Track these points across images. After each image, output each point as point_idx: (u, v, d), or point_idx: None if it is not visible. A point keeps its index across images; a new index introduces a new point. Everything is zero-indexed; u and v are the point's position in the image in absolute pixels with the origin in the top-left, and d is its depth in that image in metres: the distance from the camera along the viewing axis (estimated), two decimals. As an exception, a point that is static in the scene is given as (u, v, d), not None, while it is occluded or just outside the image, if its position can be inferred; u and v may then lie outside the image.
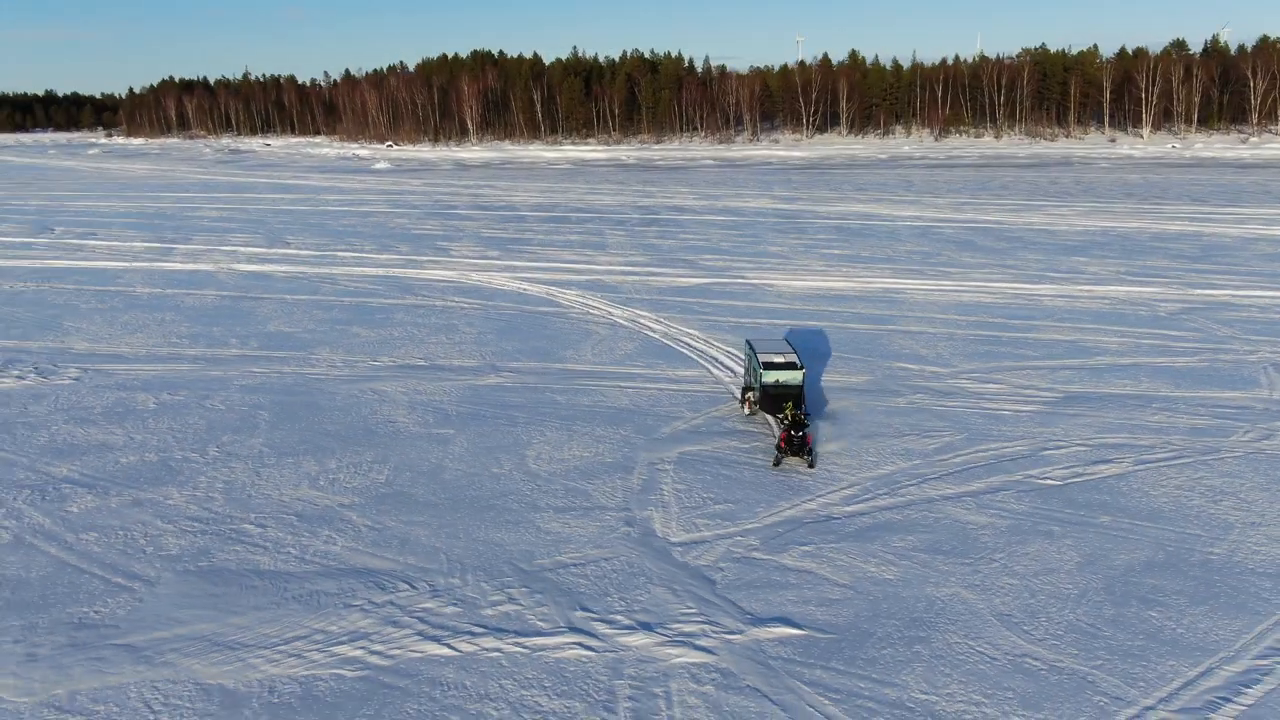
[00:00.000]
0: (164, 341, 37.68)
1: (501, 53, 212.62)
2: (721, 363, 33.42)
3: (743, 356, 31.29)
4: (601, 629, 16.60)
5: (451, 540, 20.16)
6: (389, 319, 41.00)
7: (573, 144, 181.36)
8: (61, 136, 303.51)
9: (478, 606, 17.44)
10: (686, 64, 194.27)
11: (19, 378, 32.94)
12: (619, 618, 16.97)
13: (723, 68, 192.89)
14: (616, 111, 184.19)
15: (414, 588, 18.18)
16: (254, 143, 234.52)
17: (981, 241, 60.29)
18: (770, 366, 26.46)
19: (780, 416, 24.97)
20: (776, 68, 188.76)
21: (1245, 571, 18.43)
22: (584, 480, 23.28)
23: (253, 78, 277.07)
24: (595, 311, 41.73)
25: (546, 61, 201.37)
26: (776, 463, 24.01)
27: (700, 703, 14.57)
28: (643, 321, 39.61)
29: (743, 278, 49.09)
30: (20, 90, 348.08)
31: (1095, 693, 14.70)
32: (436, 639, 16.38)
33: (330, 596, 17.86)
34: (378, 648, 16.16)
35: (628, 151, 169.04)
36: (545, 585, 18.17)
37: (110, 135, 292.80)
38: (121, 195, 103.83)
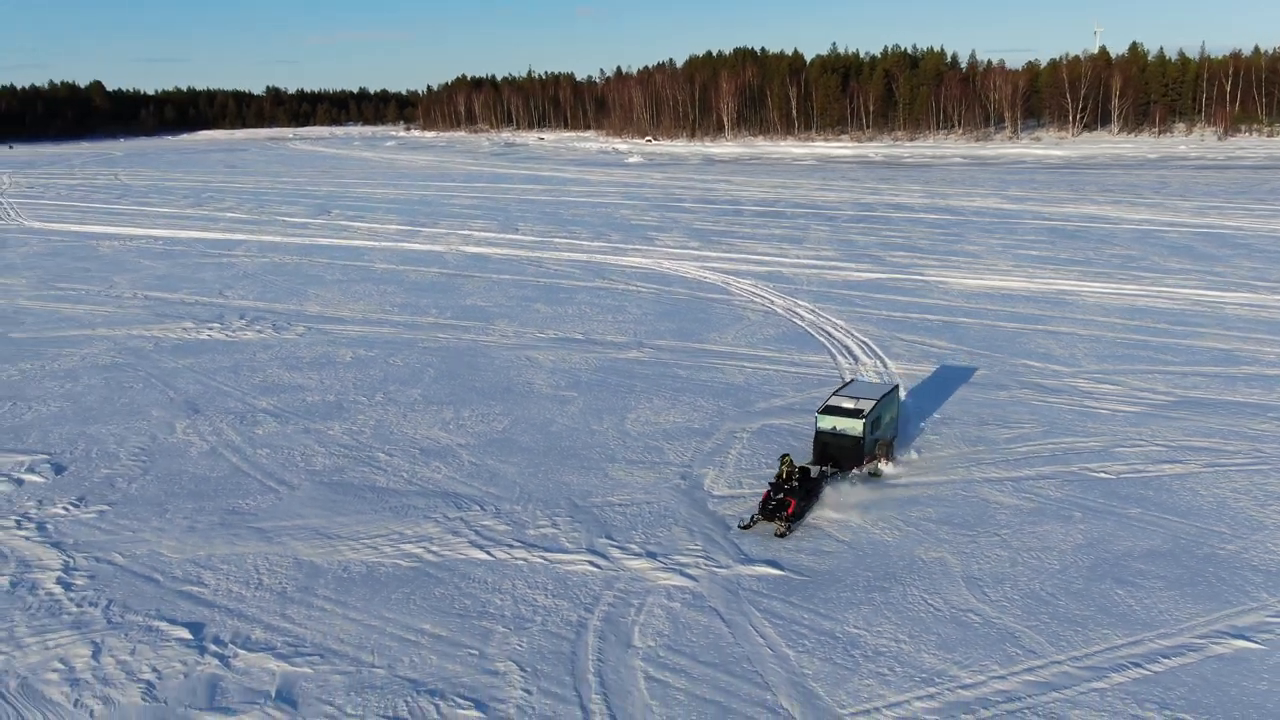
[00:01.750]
0: (378, 309, 43.97)
1: (763, 49, 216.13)
2: (850, 351, 35.25)
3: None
4: (613, 553, 19.73)
5: (530, 478, 23.89)
6: (570, 299, 45.47)
7: (824, 140, 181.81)
8: (368, 130, 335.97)
9: (524, 527, 21.03)
10: (949, 59, 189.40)
11: (258, 331, 39.93)
12: (633, 547, 20.03)
13: (989, 63, 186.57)
14: (871, 108, 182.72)
15: (483, 509, 22.04)
16: (529, 137, 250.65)
17: (1202, 247, 57.30)
18: (831, 411, 23.10)
19: (780, 470, 21.29)
20: (1067, 59, 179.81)
21: (1243, 566, 18.90)
22: (664, 440, 26.35)
23: (535, 75, 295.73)
24: (758, 300, 44.33)
25: (807, 58, 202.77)
26: (745, 525, 20.62)
27: (663, 614, 17.44)
28: (797, 311, 41.82)
29: (920, 275, 49.90)
30: (338, 88, 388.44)
31: (1013, 646, 16.27)
32: (481, 547, 20.13)
33: (416, 510, 22.05)
34: (434, 548, 20.11)
35: (877, 149, 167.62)
36: (586, 517, 21.50)
37: (408, 129, 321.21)
38: (397, 184, 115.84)
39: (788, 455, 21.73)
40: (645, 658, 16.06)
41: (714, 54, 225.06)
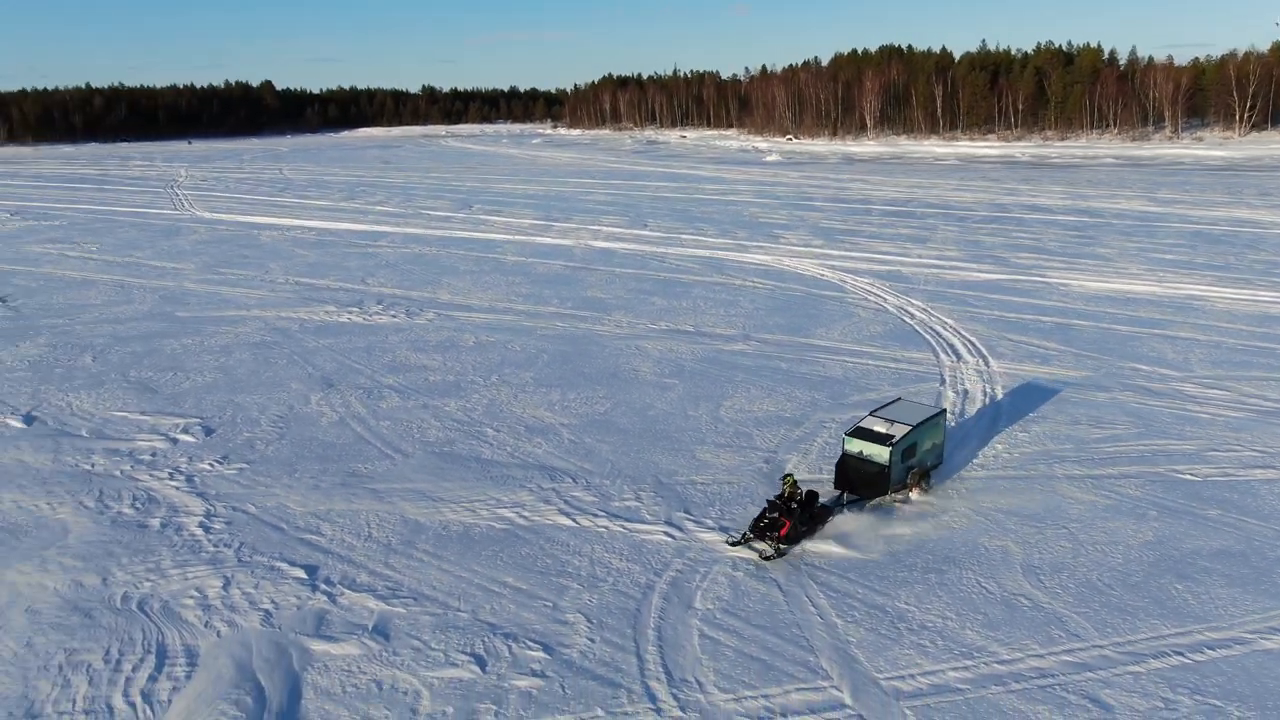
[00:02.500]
0: (504, 298, 46.43)
1: (909, 47, 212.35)
2: (953, 349, 35.55)
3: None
4: (688, 526, 21.13)
5: (622, 456, 25.49)
6: (686, 293, 46.93)
7: (969, 140, 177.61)
8: (516, 128, 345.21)
9: (610, 500, 22.65)
10: (1106, 56, 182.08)
11: (392, 316, 42.87)
12: (708, 521, 21.39)
13: (1150, 60, 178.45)
14: (1020, 107, 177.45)
15: (574, 482, 23.76)
16: (671, 135, 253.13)
17: (1356, 254, 54.48)
18: (860, 434, 22.00)
19: (782, 490, 20.34)
20: (1238, 55, 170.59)
21: (1314, 570, 18.89)
22: (754, 427, 27.55)
23: (680, 74, 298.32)
24: (871, 298, 44.82)
25: (955, 56, 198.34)
26: (734, 542, 19.97)
27: (725, 582, 18.75)
28: (908, 309, 42.18)
29: (1042, 277, 49.29)
30: (490, 87, 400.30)
31: (1058, 629, 16.92)
32: (568, 515, 21.85)
33: (514, 480, 23.95)
34: (526, 514, 21.94)
35: (1024, 148, 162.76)
36: (669, 494, 22.96)
37: (555, 127, 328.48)
38: (538, 180, 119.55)
39: (790, 475, 20.69)
40: (703, 618, 17.41)
41: (859, 52, 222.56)
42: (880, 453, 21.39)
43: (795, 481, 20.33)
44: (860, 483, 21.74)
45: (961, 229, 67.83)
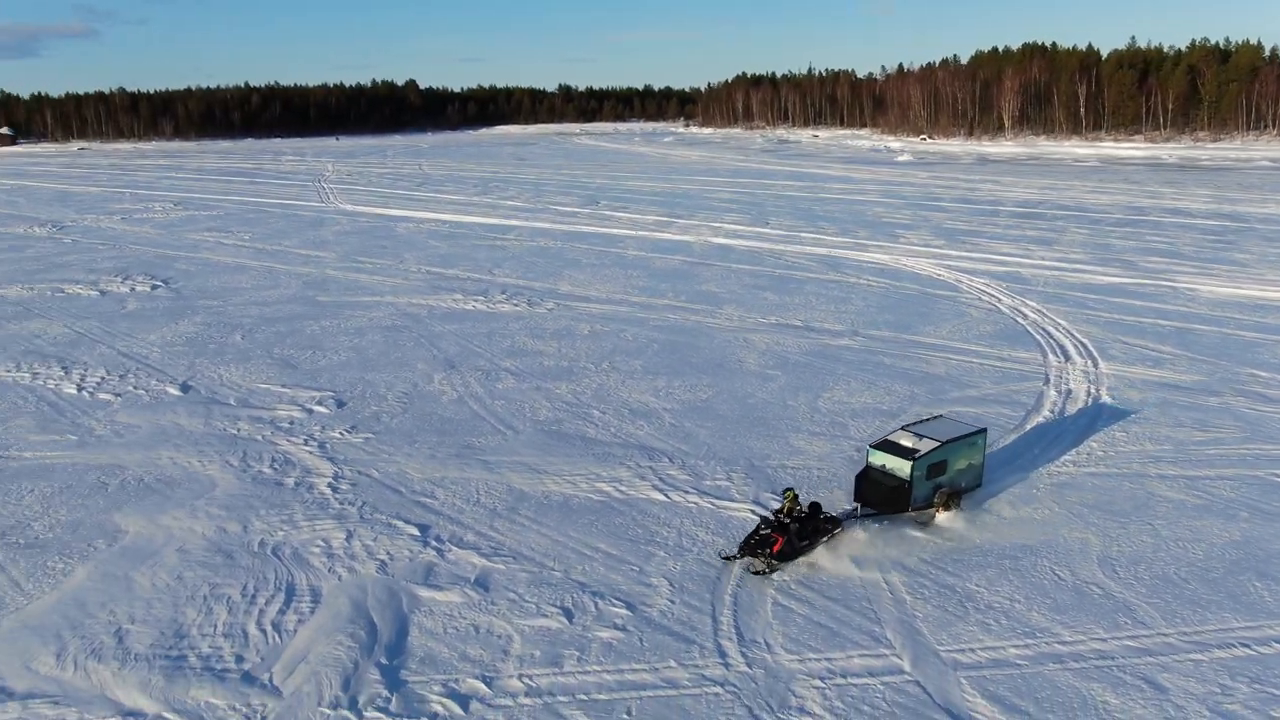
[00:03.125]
0: (621, 290, 48.10)
1: (1054, 44, 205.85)
2: (1063, 350, 35.43)
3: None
4: (774, 505, 22.18)
5: (719, 440, 26.69)
6: (799, 289, 47.69)
7: (1114, 141, 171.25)
8: (648, 126, 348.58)
9: (703, 479, 23.89)
10: (1267, 53, 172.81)
11: (514, 304, 45.04)
12: (793, 502, 22.38)
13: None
14: (1170, 106, 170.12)
15: (671, 461, 25.10)
16: (803, 134, 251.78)
17: None
18: (885, 446, 21.50)
19: (783, 505, 19.66)
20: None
21: (1405, 576, 18.72)
22: (850, 418, 28.35)
23: (814, 72, 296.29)
24: (985, 298, 44.72)
25: (1102, 53, 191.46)
26: (727, 557, 19.45)
27: (804, 558, 19.76)
28: (1022, 310, 41.99)
29: (1169, 281, 48.16)
30: (625, 85, 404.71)
31: (1125, 616, 17.36)
32: (662, 490, 23.19)
33: (614, 457, 25.43)
34: (622, 488, 23.39)
35: (1172, 150, 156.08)
36: (759, 476, 24.05)
37: (687, 125, 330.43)
38: (666, 178, 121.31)
39: (792, 489, 19.97)
40: (778, 588, 18.50)
41: (1000, 50, 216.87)
42: (902, 467, 20.71)
43: (796, 497, 19.59)
44: (879, 498, 21.01)
45: (1092, 232, 66.32)
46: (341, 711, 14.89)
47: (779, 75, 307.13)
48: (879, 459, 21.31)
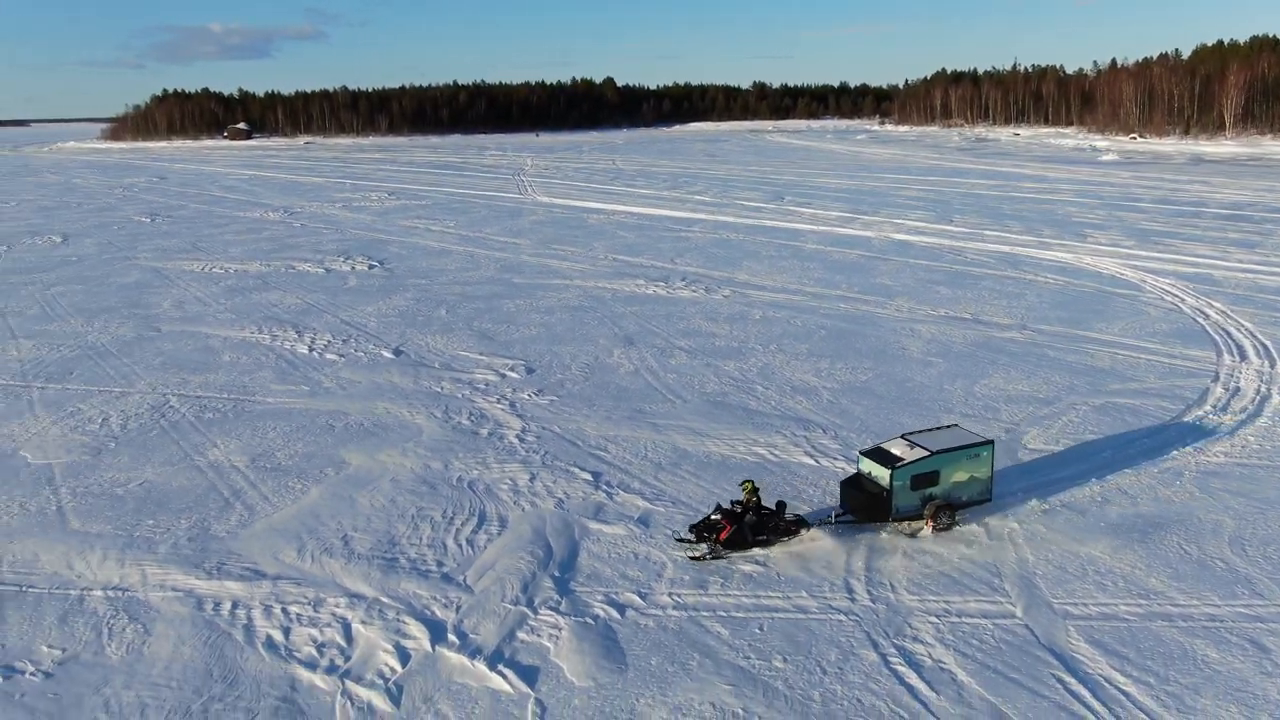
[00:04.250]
0: (796, 281, 49.99)
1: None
2: (1241, 350, 35.02)
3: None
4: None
5: (873, 416, 28.44)
6: (974, 284, 48.25)
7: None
8: (842, 124, 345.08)
9: (852, 448, 25.71)
10: None
11: (692, 291, 47.71)
12: (935, 472, 23.96)
13: None
14: None
15: (824, 432, 27.09)
16: (1003, 132, 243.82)
17: None
18: (874, 454, 21.20)
19: (741, 500, 20.05)
20: None
21: None
22: (1004, 403, 29.46)
23: (1019, 69, 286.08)
24: (1167, 298, 44.11)
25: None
26: (681, 539, 20.09)
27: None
28: (1205, 311, 41.33)
29: (1377, 287, 45.93)
30: (819, 82, 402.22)
31: (1243, 587, 18.25)
32: (812, 456, 25.25)
33: (772, 426, 27.63)
34: (776, 452, 25.59)
35: None
36: (906, 448, 25.68)
37: (882, 123, 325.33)
38: (854, 175, 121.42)
39: (750, 481, 20.49)
40: (909, 541, 20.30)
41: (1225, 43, 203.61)
42: (883, 475, 20.34)
43: (755, 489, 20.06)
44: (859, 505, 20.79)
45: (1301, 235, 63.04)
46: (520, 607, 17.84)
47: (980, 72, 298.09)
48: (866, 466, 21.03)
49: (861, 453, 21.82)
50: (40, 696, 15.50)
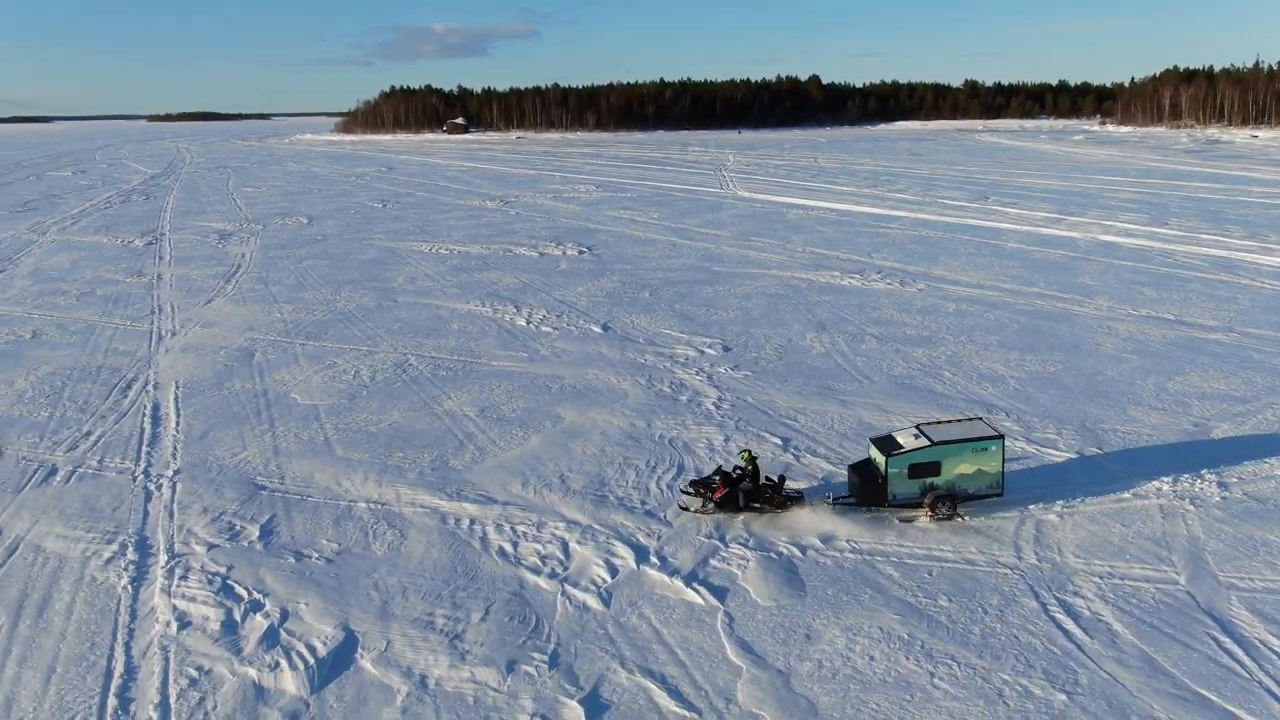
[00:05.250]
0: (993, 277, 50.29)
1: None
2: None
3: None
4: (1099, 460, 24.80)
5: (1057, 404, 29.26)
6: (1181, 287, 47.21)
7: None
8: (1058, 124, 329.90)
9: (1032, 430, 26.82)
10: None
11: (887, 283, 48.91)
12: (1115, 459, 24.85)
13: None
14: None
15: (1007, 415, 28.18)
16: (1239, 134, 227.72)
17: None
18: (882, 440, 22.09)
19: (742, 465, 21.61)
20: None
21: None
22: (1197, 400, 29.59)
23: (1262, 65, 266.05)
24: (1395, 307, 42.06)
25: None
26: (685, 492, 21.98)
27: (1111, 498, 22.45)
28: None
29: None
30: (1035, 80, 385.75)
31: None
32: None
33: (955, 407, 28.92)
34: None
35: None
36: (1088, 435, 26.53)
37: (1102, 123, 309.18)
38: (1065, 176, 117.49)
39: (748, 450, 22.17)
40: (1077, 512, 21.47)
41: None
42: (880, 463, 21.23)
43: (753, 459, 21.52)
44: (858, 488, 21.63)
45: None
46: (713, 541, 20.30)
47: (1217, 69, 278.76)
48: (873, 452, 21.84)
49: (871, 439, 22.61)
50: (324, 575, 19.15)
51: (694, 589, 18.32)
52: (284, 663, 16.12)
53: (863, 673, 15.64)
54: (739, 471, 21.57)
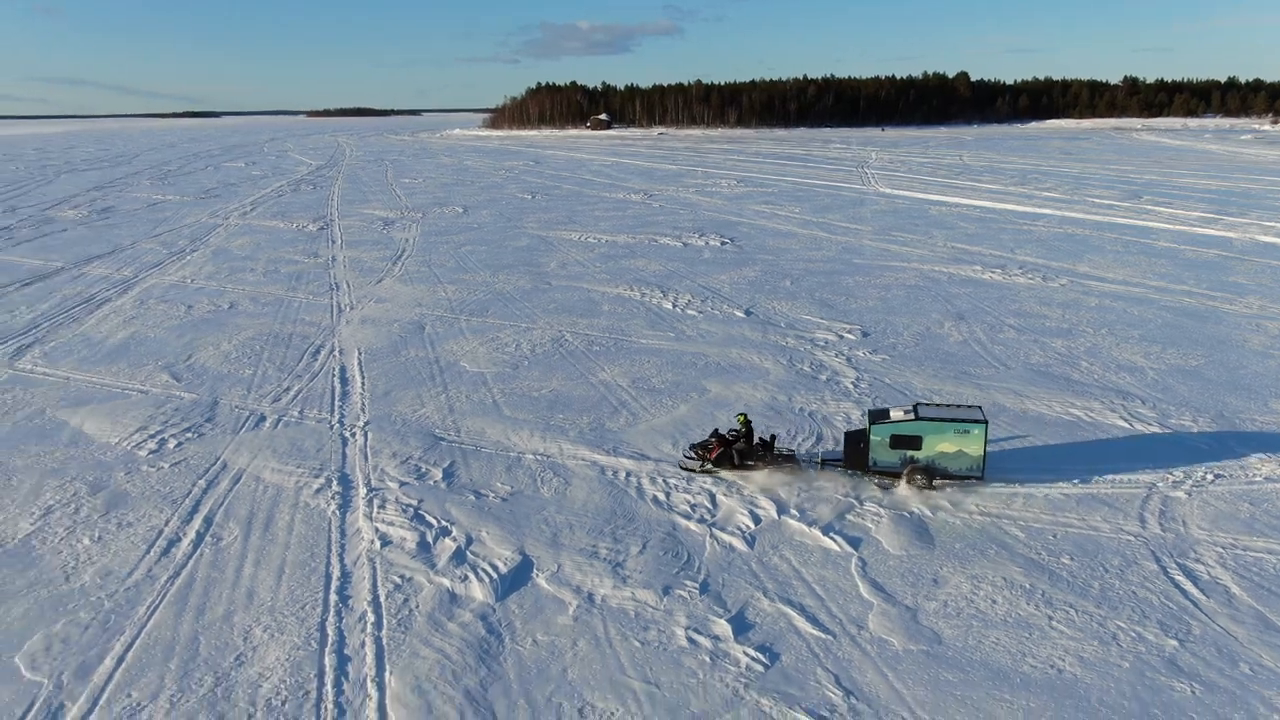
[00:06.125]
0: (1139, 275, 49.95)
1: None
2: None
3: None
4: (1228, 442, 25.42)
5: (1196, 395, 29.72)
6: (1341, 287, 46.06)
7: None
8: (1225, 122, 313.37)
9: (1168, 418, 27.48)
10: None
11: (1028, 278, 49.20)
12: (1241, 446, 25.41)
13: None
14: None
15: (1142, 403, 28.87)
16: None
17: None
18: (874, 413, 23.78)
19: (737, 428, 23.74)
20: None
21: None
22: (1342, 394, 29.65)
23: None
24: None
25: None
26: (687, 454, 24.22)
27: (1223, 489, 23.18)
28: None
29: None
30: (1202, 77, 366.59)
31: None
32: (1126, 420, 27.29)
33: (1090, 394, 29.74)
34: (1092, 415, 27.81)
35: None
36: (1222, 423, 27.04)
37: (1275, 122, 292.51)
38: (1226, 176, 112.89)
39: (743, 414, 24.23)
40: (1207, 492, 22.33)
41: None
42: (870, 434, 22.88)
43: (748, 422, 23.70)
44: (847, 452, 23.46)
45: None
46: (849, 499, 22.06)
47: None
48: (870, 425, 23.14)
49: (868, 411, 24.32)
50: (501, 511, 21.78)
51: (831, 537, 20.15)
52: (472, 576, 18.73)
53: (985, 613, 17.22)
54: (734, 434, 23.66)
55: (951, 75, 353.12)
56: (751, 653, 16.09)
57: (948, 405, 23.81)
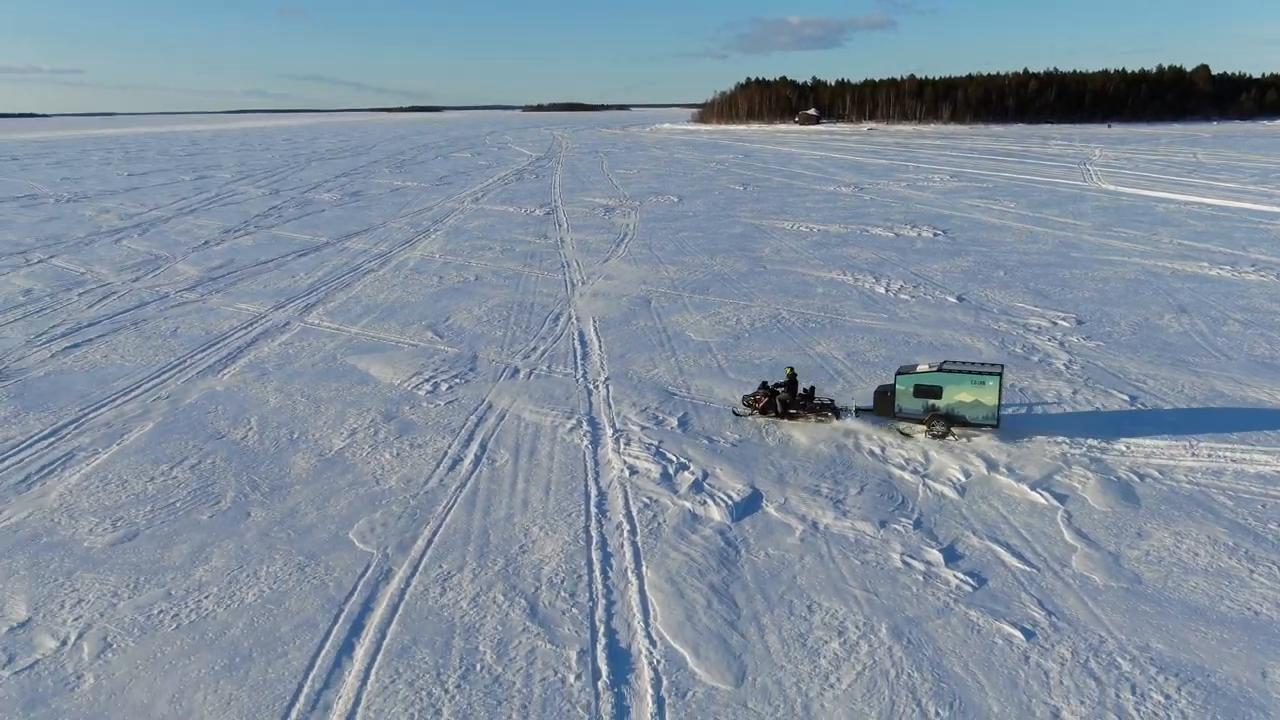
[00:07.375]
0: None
1: None
2: None
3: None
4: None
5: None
6: None
7: None
8: None
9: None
10: None
11: (1261, 276, 47.78)
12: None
13: None
14: None
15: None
16: None
17: None
18: (902, 368, 26.37)
19: (783, 381, 26.79)
20: None
21: None
22: None
23: None
24: None
25: None
26: (739, 410, 27.27)
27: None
28: None
29: None
30: None
31: None
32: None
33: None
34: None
35: None
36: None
37: None
38: None
39: (791, 368, 27.21)
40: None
41: None
42: (894, 379, 25.40)
43: (794, 374, 26.72)
44: (876, 400, 25.95)
45: None
46: (1058, 461, 23.53)
47: None
48: (896, 379, 25.54)
49: (900, 369, 26.23)
50: (732, 453, 24.55)
51: (1038, 492, 21.81)
52: (710, 501, 21.57)
53: (1186, 562, 18.58)
54: (779, 387, 26.72)
55: (1189, 68, 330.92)
56: (961, 576, 18.15)
57: (970, 363, 26.01)
